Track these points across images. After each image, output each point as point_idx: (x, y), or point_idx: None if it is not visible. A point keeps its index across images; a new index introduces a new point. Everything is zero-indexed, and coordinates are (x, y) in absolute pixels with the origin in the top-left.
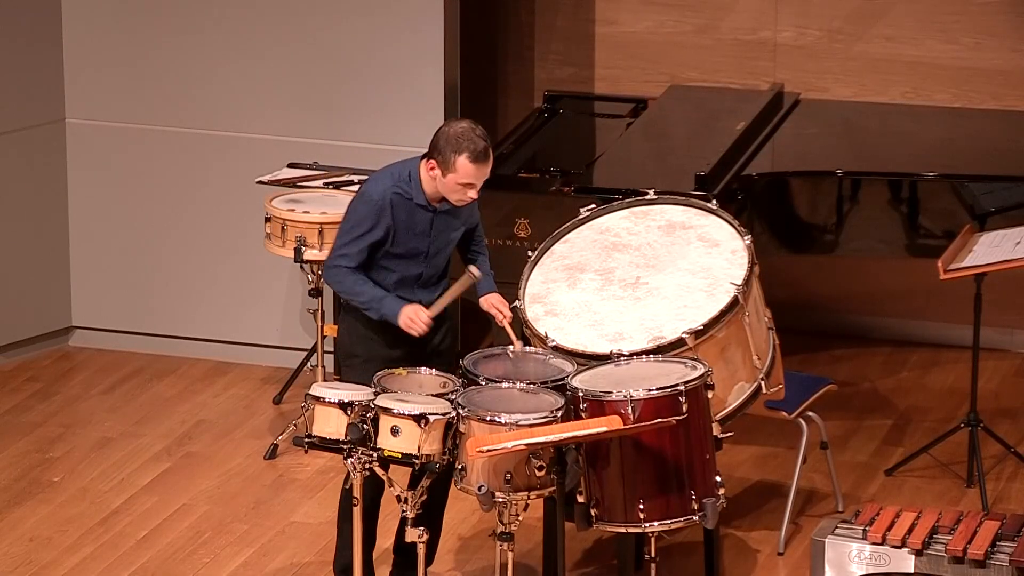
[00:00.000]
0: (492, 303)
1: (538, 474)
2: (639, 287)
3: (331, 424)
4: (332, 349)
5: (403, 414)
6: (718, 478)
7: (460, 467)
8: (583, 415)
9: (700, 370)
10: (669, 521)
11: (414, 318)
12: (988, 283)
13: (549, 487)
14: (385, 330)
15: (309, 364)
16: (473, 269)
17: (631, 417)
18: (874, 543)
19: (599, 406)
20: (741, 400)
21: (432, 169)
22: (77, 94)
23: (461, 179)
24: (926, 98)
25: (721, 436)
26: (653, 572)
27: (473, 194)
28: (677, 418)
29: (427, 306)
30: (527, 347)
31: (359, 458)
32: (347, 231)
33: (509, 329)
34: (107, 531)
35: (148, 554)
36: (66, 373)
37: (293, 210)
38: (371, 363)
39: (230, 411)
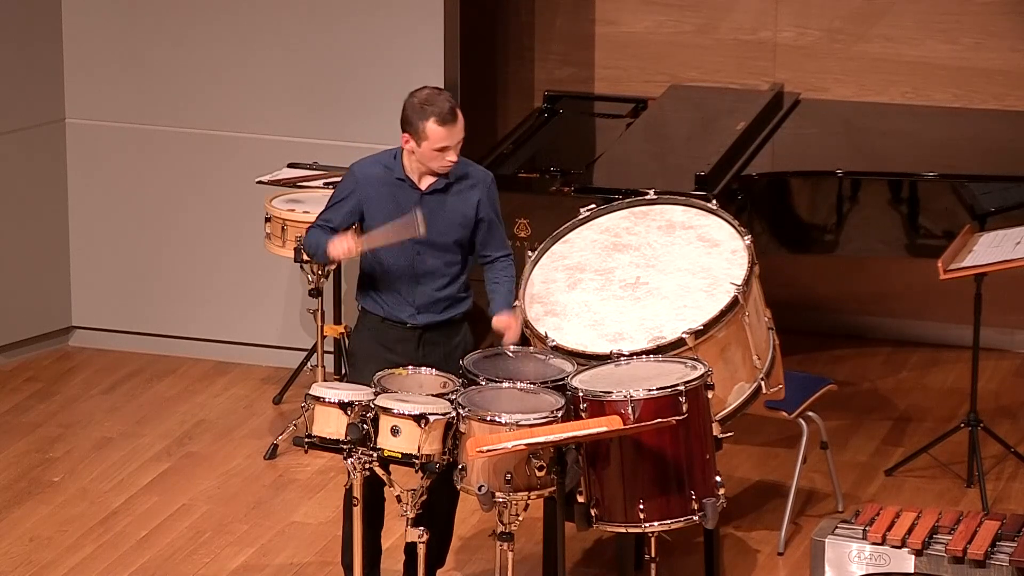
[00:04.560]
0: (501, 322)
1: (538, 474)
2: (639, 287)
3: (331, 424)
4: (332, 349)
5: (403, 414)
6: (718, 478)
7: (460, 467)
8: (583, 415)
9: (700, 370)
10: (669, 521)
11: (338, 244)
12: (988, 283)
13: (549, 487)
14: (389, 335)
15: (309, 364)
16: (419, 218)
17: (631, 417)
18: (874, 543)
19: (599, 406)
20: (741, 400)
21: (407, 143)
22: (77, 94)
23: (434, 144)
24: (926, 98)
25: (721, 436)
26: (653, 572)
27: (452, 157)
28: (677, 418)
29: (419, 309)
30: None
31: (359, 458)
32: (330, 201)
33: (510, 341)
34: (107, 531)
35: (148, 554)
36: (66, 373)
37: (293, 210)
38: (370, 363)
39: (230, 411)
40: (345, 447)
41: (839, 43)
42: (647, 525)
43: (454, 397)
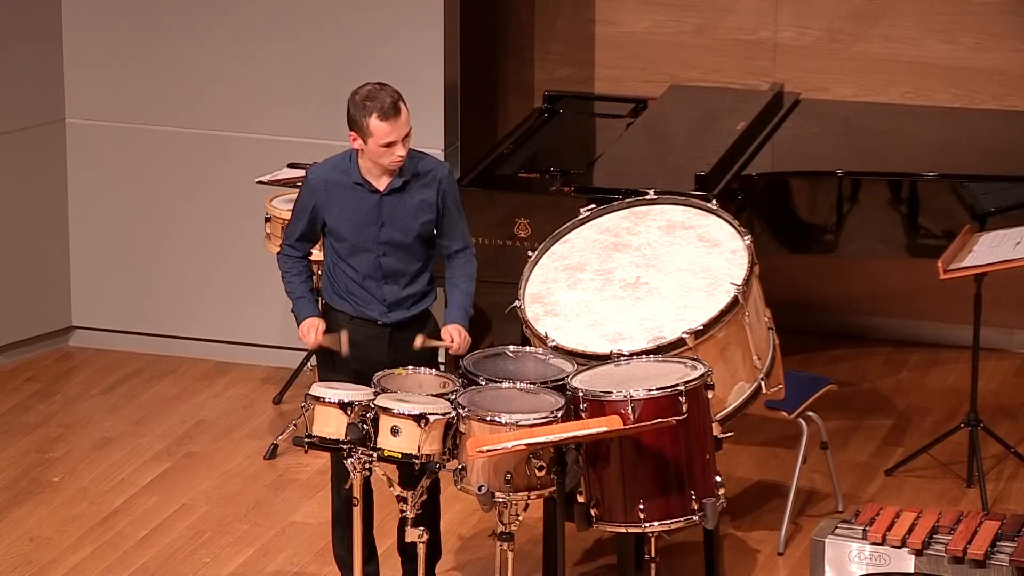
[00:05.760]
0: (450, 330)
1: (538, 474)
2: (639, 287)
3: (331, 424)
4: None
5: (403, 414)
6: (718, 478)
7: (460, 467)
8: (583, 415)
9: (700, 370)
10: (669, 521)
11: (306, 333)
12: (988, 283)
13: (549, 487)
14: (359, 333)
15: (309, 364)
16: (344, 337)
17: (631, 417)
18: (874, 543)
19: (599, 406)
20: (741, 400)
21: (355, 141)
22: (77, 94)
23: (380, 140)
24: (926, 98)
25: (721, 436)
26: (653, 572)
27: (401, 152)
28: (677, 418)
29: (390, 307)
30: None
31: (359, 458)
32: (293, 213)
33: (442, 350)
34: (107, 531)
35: (148, 554)
36: (66, 373)
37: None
38: (341, 366)
39: (230, 411)
40: (345, 447)
41: (839, 43)
42: (647, 525)
43: (454, 397)
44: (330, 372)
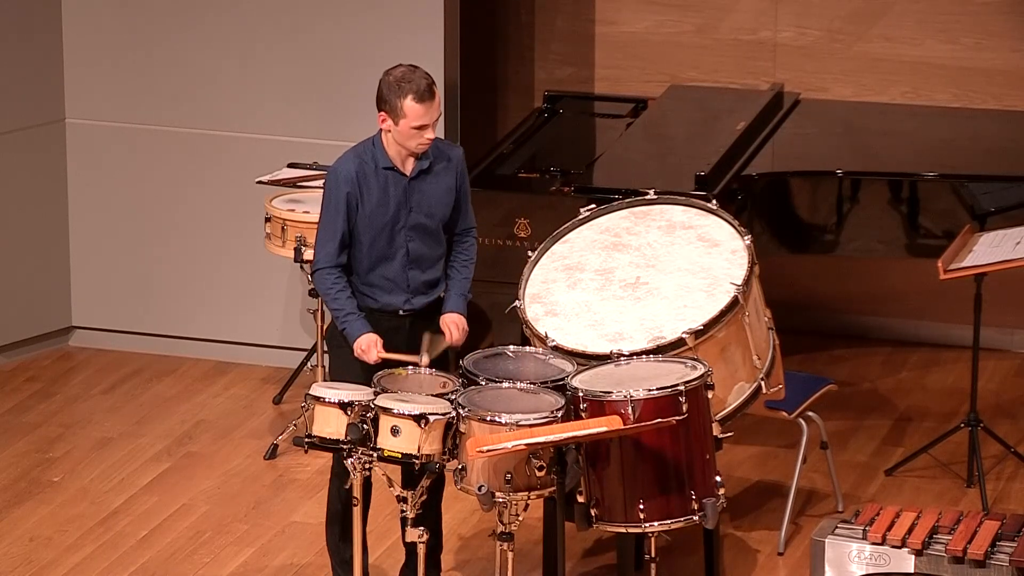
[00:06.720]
0: (448, 321)
1: (538, 474)
2: (639, 287)
3: (331, 424)
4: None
5: (403, 414)
6: (718, 478)
7: (460, 467)
8: (583, 415)
9: (700, 370)
10: (669, 521)
11: (366, 350)
12: (988, 283)
13: (549, 487)
14: (381, 325)
15: (309, 364)
16: (425, 343)
17: (631, 417)
18: (874, 543)
19: (599, 406)
20: (741, 400)
21: (384, 122)
22: (77, 94)
23: (412, 122)
24: (926, 98)
25: (721, 436)
26: (653, 572)
27: (430, 135)
28: (677, 418)
29: (414, 293)
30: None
31: (359, 458)
32: (323, 220)
33: (442, 346)
34: (107, 531)
35: (148, 554)
36: (66, 373)
37: (293, 210)
38: (357, 360)
39: (230, 411)
40: (345, 447)
41: (839, 43)
42: (647, 525)
43: (454, 397)
44: (354, 365)
